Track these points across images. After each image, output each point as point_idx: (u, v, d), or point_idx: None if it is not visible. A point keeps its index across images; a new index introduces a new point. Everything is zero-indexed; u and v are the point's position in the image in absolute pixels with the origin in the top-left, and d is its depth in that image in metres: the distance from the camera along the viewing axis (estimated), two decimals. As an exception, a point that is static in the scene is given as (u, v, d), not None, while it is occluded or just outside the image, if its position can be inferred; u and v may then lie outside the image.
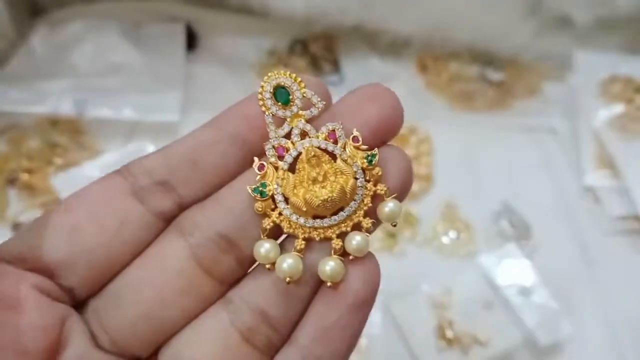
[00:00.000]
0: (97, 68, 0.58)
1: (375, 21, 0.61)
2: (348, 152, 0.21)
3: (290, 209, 0.21)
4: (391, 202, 0.21)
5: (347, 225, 0.21)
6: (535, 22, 0.63)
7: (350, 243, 0.21)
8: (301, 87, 0.21)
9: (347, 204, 0.21)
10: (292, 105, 0.21)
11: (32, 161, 0.54)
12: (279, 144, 0.21)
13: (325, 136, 0.21)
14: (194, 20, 0.64)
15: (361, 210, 0.21)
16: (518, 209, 0.55)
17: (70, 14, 0.62)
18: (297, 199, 0.21)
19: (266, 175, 0.21)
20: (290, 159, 0.21)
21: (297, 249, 0.21)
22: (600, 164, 0.57)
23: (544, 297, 0.48)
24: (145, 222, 0.21)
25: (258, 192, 0.21)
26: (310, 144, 0.21)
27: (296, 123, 0.22)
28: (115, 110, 0.55)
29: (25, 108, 0.55)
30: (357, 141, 0.21)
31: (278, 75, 0.21)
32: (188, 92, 0.58)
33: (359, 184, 0.21)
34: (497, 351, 0.46)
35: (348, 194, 0.21)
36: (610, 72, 0.61)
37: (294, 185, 0.21)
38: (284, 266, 0.20)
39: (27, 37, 0.60)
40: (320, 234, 0.21)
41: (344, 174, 0.21)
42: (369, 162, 0.21)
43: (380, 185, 0.21)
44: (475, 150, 0.60)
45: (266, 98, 0.21)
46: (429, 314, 0.48)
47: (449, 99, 0.63)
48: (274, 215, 0.21)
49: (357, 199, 0.21)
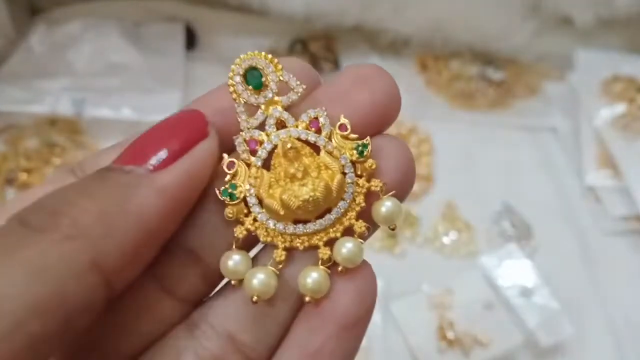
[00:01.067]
0: (96, 67, 0.58)
1: (375, 21, 0.61)
2: (334, 142, 0.18)
3: (266, 214, 0.18)
4: (388, 201, 0.18)
5: (337, 230, 0.18)
6: (536, 22, 0.62)
7: (339, 251, 0.17)
8: (277, 69, 0.18)
9: (335, 205, 0.18)
10: (265, 90, 0.18)
11: (31, 161, 0.54)
12: (251, 136, 0.18)
13: (306, 125, 0.18)
14: (193, 19, 0.64)
15: (353, 211, 0.18)
16: (519, 209, 0.55)
17: (69, 13, 0.62)
18: (272, 200, 0.18)
19: (237, 175, 0.18)
20: (264, 154, 0.18)
21: (276, 260, 0.18)
22: (601, 164, 0.57)
23: (545, 298, 0.48)
24: None
25: (227, 194, 0.18)
26: (288, 134, 0.18)
27: (271, 111, 0.18)
28: (114, 110, 0.55)
29: (23, 107, 0.55)
30: (344, 130, 0.18)
31: (251, 56, 0.18)
32: (187, 92, 0.58)
33: (349, 180, 0.18)
34: (498, 352, 0.46)
35: (335, 192, 0.18)
36: (612, 71, 0.60)
37: (269, 185, 0.18)
38: (254, 282, 0.17)
39: (25, 36, 0.60)
40: (303, 242, 0.18)
41: (329, 168, 0.18)
42: (360, 154, 0.18)
43: (375, 181, 0.18)
44: (475, 150, 0.59)
45: (236, 82, 0.18)
46: (429, 314, 0.48)
47: (449, 98, 0.63)
48: (247, 222, 0.18)
49: (347, 197, 0.18)
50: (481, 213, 0.55)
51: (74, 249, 0.15)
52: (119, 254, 0.15)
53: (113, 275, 0.15)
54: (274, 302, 0.18)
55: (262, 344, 0.18)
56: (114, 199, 0.16)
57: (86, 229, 0.15)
